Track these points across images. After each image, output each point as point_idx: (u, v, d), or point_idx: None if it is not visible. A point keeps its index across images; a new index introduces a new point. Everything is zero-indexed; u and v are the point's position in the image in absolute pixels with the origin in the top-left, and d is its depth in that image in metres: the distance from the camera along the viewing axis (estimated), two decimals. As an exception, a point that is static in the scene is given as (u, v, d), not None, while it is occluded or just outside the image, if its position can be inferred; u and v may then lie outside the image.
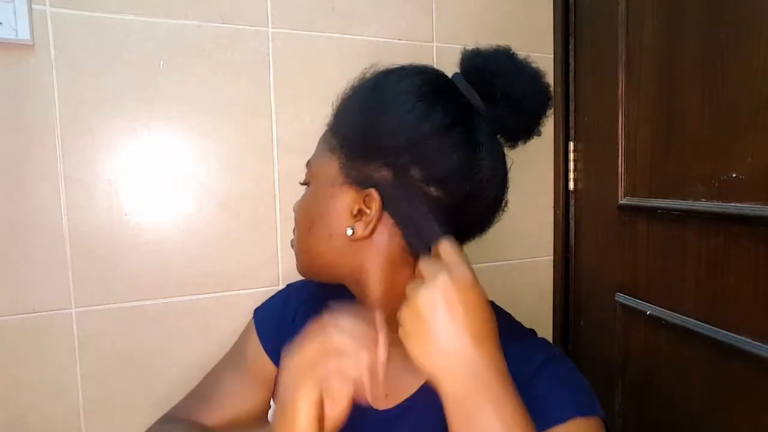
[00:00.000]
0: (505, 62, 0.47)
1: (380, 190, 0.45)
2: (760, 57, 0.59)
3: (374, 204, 0.45)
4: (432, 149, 0.44)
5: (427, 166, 0.44)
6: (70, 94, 0.70)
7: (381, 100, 0.46)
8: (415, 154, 0.44)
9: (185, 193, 0.76)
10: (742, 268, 0.63)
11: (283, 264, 0.82)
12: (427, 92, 0.45)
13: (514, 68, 0.47)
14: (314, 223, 0.49)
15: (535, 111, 0.48)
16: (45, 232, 0.70)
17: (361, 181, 0.46)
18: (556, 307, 1.02)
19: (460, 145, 0.44)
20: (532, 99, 0.47)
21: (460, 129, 0.45)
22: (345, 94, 0.51)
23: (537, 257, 1.01)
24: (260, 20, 0.78)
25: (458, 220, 0.46)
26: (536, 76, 0.48)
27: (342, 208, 0.47)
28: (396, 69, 0.49)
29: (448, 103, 0.45)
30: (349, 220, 0.46)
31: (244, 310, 0.79)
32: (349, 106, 0.50)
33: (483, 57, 0.48)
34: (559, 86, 0.96)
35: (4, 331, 0.69)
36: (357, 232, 0.46)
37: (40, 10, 0.67)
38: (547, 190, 1.00)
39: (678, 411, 0.74)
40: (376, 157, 0.45)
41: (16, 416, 0.70)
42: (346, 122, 0.49)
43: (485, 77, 0.46)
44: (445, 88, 0.47)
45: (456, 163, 0.44)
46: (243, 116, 0.78)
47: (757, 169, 0.60)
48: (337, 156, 0.48)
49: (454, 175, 0.44)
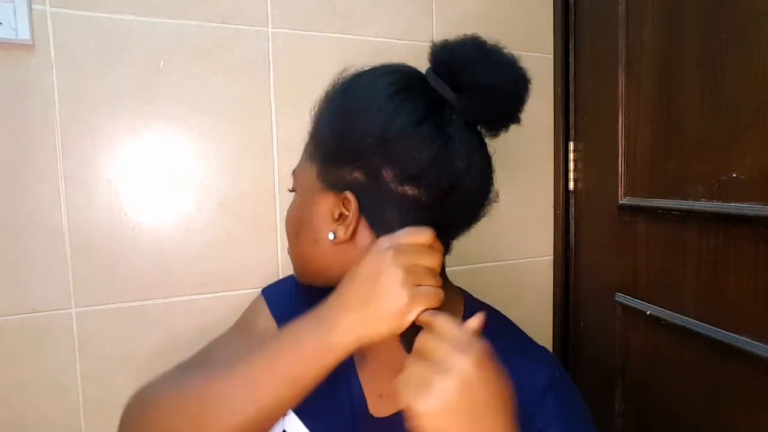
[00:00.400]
0: (473, 51, 0.46)
1: (356, 192, 0.45)
2: (760, 57, 0.59)
3: (351, 206, 0.45)
4: (402, 147, 0.44)
5: (398, 165, 0.44)
6: (70, 94, 0.70)
7: (351, 103, 0.47)
8: (386, 154, 0.44)
9: (185, 193, 0.76)
10: (742, 268, 0.63)
11: (283, 264, 0.82)
12: (395, 91, 0.45)
13: (483, 56, 0.46)
14: (301, 229, 0.50)
15: (507, 98, 0.47)
16: (45, 232, 0.70)
17: (337, 186, 0.46)
18: (556, 307, 1.02)
19: (429, 140, 0.44)
20: (503, 86, 0.46)
21: (429, 124, 0.44)
22: (320, 101, 0.51)
23: (537, 257, 1.01)
24: (260, 20, 0.78)
25: (442, 216, 0.45)
26: (507, 62, 0.47)
27: (323, 213, 0.47)
28: (366, 71, 0.49)
29: (417, 99, 0.45)
30: (331, 225, 0.47)
31: (243, 310, 0.79)
32: (322, 113, 0.50)
33: (450, 49, 0.47)
34: (559, 86, 0.96)
35: (4, 331, 0.69)
36: (338, 236, 0.46)
37: (40, 10, 0.67)
38: (547, 190, 1.00)
39: (678, 411, 0.74)
40: (349, 161, 0.45)
41: (16, 416, 0.70)
42: (320, 129, 0.50)
43: (453, 69, 0.46)
44: (414, 85, 0.46)
45: (427, 159, 0.44)
46: (243, 116, 0.78)
47: (757, 169, 0.60)
48: (315, 163, 0.48)
49: (427, 172, 0.44)
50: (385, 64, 0.50)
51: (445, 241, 0.49)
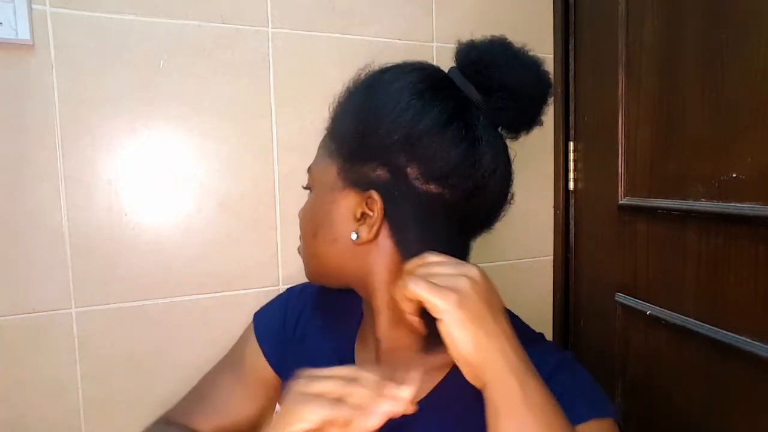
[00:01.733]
0: (500, 53, 0.46)
1: (380, 191, 0.44)
2: (760, 57, 0.59)
3: (376, 206, 0.44)
4: (429, 146, 0.43)
5: (425, 164, 0.44)
6: (70, 94, 0.70)
7: (375, 100, 0.46)
8: (412, 152, 0.43)
9: (185, 193, 0.76)
10: (742, 268, 0.63)
11: (283, 264, 0.82)
12: (422, 89, 0.45)
13: (511, 59, 0.46)
14: (319, 228, 0.48)
15: (534, 100, 0.47)
16: (45, 232, 0.70)
17: (360, 184, 0.45)
18: (556, 307, 1.02)
19: (458, 140, 0.44)
20: (530, 89, 0.46)
21: (458, 124, 0.44)
22: (341, 97, 0.50)
23: (537, 257, 1.01)
24: (260, 20, 0.78)
25: (464, 216, 0.45)
26: (533, 65, 0.47)
27: (345, 212, 0.46)
28: (391, 68, 0.49)
29: (445, 98, 0.45)
30: (352, 225, 0.46)
31: (244, 310, 0.79)
32: (344, 109, 0.49)
33: (478, 49, 0.47)
34: (559, 86, 0.96)
35: (4, 331, 0.69)
36: (362, 236, 0.45)
37: (40, 10, 0.67)
38: (547, 190, 1.00)
39: (678, 411, 0.74)
40: (373, 158, 0.45)
41: (16, 416, 0.70)
42: (341, 125, 0.49)
43: (481, 70, 0.45)
44: (441, 84, 0.46)
45: (455, 159, 0.43)
46: (243, 116, 0.78)
47: (757, 169, 0.60)
48: (335, 160, 0.47)
49: (454, 172, 0.44)
50: (409, 62, 0.49)
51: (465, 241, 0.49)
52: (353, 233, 0.45)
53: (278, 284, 0.82)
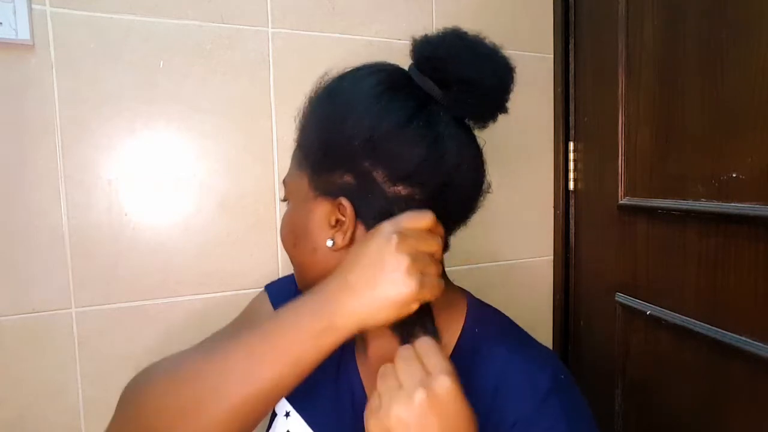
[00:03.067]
0: (455, 46, 0.45)
1: (349, 197, 0.44)
2: (760, 57, 0.59)
3: (347, 211, 0.44)
4: (391, 148, 0.43)
5: (389, 166, 0.43)
6: (70, 94, 0.70)
7: (335, 107, 0.46)
8: (375, 156, 0.43)
9: (185, 193, 0.76)
10: (742, 268, 0.63)
11: (283, 264, 0.82)
12: (380, 91, 0.45)
13: (465, 49, 0.45)
14: (298, 239, 0.49)
15: (493, 89, 0.46)
16: (45, 232, 0.70)
17: (330, 192, 0.46)
18: (556, 307, 1.02)
19: (419, 138, 0.43)
20: (488, 78, 0.45)
21: (418, 123, 0.44)
22: (304, 107, 0.50)
23: (537, 257, 1.01)
24: (260, 20, 0.78)
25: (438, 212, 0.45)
26: (490, 54, 0.46)
27: (320, 221, 0.46)
28: (349, 73, 0.49)
29: (403, 98, 0.45)
30: (328, 232, 0.46)
31: (244, 310, 0.79)
32: (307, 119, 0.49)
33: (432, 44, 0.46)
34: (559, 86, 0.96)
35: (4, 331, 0.69)
36: (337, 243, 0.45)
37: (40, 10, 0.67)
38: (547, 190, 1.00)
39: (678, 411, 0.74)
40: (339, 166, 0.45)
41: (16, 416, 0.70)
42: (306, 136, 0.49)
43: (437, 65, 0.45)
44: (399, 84, 0.46)
45: (418, 158, 0.43)
46: (243, 116, 0.78)
47: (757, 169, 0.60)
48: (305, 171, 0.48)
49: (418, 170, 0.43)
50: (368, 64, 0.49)
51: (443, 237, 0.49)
52: (329, 240, 0.46)
53: (278, 284, 0.82)
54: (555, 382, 0.46)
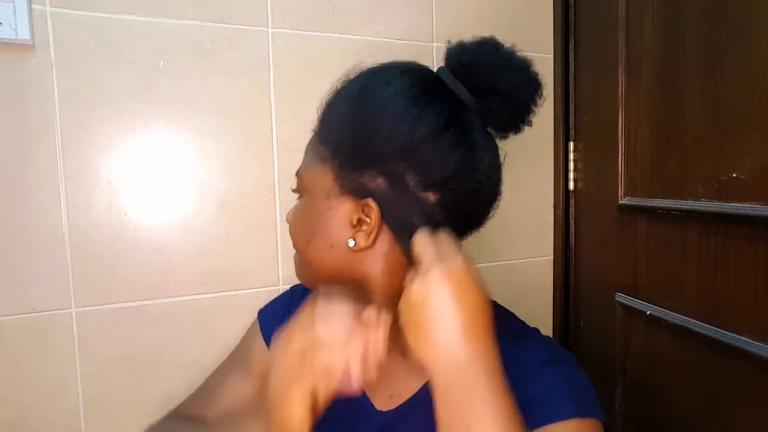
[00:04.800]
0: (492, 55, 0.46)
1: (378, 199, 0.44)
2: (760, 57, 0.59)
3: (373, 213, 0.44)
4: (428, 154, 0.43)
5: (423, 171, 0.43)
6: (70, 94, 0.70)
7: (370, 105, 0.45)
8: (411, 160, 0.43)
9: (185, 193, 0.76)
10: (742, 268, 0.63)
11: (283, 264, 0.82)
12: (417, 93, 0.44)
13: (502, 61, 0.45)
14: (314, 235, 0.48)
15: (525, 103, 0.46)
16: (45, 232, 0.70)
17: (357, 191, 0.45)
18: (556, 307, 1.02)
19: (455, 146, 0.43)
20: (522, 91, 0.46)
21: (454, 129, 0.44)
22: (330, 99, 0.49)
23: (537, 257, 1.01)
24: (260, 20, 0.78)
25: (458, 218, 0.45)
26: (524, 67, 0.46)
27: (341, 219, 0.45)
28: (382, 69, 0.48)
29: (439, 103, 0.44)
30: (349, 231, 0.45)
31: (244, 310, 0.79)
32: (336, 112, 0.48)
33: (469, 51, 0.46)
34: (559, 86, 0.96)
35: (4, 331, 0.69)
36: (359, 243, 0.44)
37: (40, 10, 0.67)
38: (547, 190, 1.00)
39: (678, 411, 0.74)
40: (371, 166, 0.44)
41: (16, 416, 0.70)
42: (335, 130, 0.48)
43: (473, 72, 0.45)
44: (434, 87, 0.45)
45: (453, 165, 0.43)
46: (243, 116, 0.78)
47: (757, 169, 0.60)
48: (330, 166, 0.46)
49: (451, 178, 0.43)
50: (398, 63, 0.48)
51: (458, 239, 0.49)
52: (350, 240, 0.45)
53: (278, 284, 0.82)
54: (554, 356, 0.47)
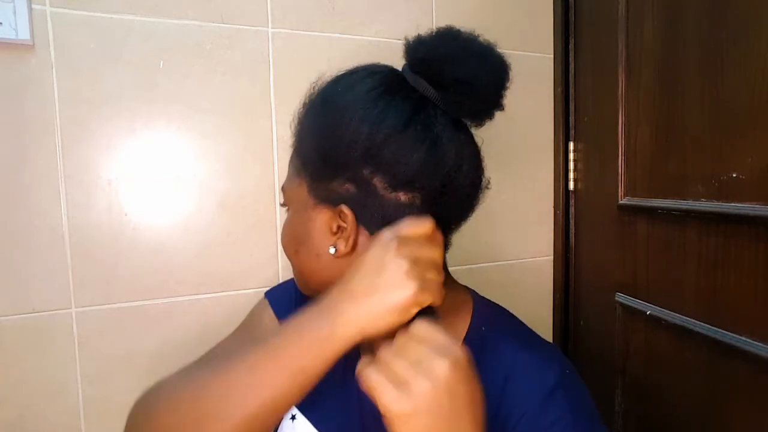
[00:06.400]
0: (449, 46, 0.45)
1: (350, 204, 0.44)
2: (760, 57, 0.59)
3: (348, 219, 0.44)
4: (391, 153, 0.43)
5: (389, 172, 0.43)
6: (70, 94, 0.70)
7: (332, 113, 0.45)
8: (375, 162, 0.43)
9: (185, 193, 0.76)
10: (742, 268, 0.63)
11: (283, 264, 0.82)
12: (377, 95, 0.44)
13: (460, 50, 0.45)
14: (300, 246, 0.49)
15: (489, 89, 0.46)
16: (45, 232, 0.70)
17: (330, 200, 0.45)
18: (556, 307, 1.02)
19: (418, 142, 0.43)
20: (484, 78, 0.45)
21: (416, 126, 0.43)
22: (299, 113, 0.50)
23: (537, 257, 1.01)
24: (260, 20, 0.78)
25: (438, 215, 0.45)
26: (485, 53, 0.46)
27: (321, 228, 0.46)
28: (343, 77, 0.48)
29: (400, 101, 0.44)
30: (330, 239, 0.46)
31: (244, 310, 0.79)
32: (303, 126, 0.49)
33: (426, 45, 0.46)
34: (559, 86, 0.96)
35: (4, 331, 0.69)
36: (339, 249, 0.45)
37: (40, 10, 0.67)
38: (547, 190, 1.00)
39: (678, 411, 0.74)
40: (339, 173, 0.44)
41: (16, 416, 0.70)
42: (303, 143, 0.49)
43: (431, 65, 0.44)
44: (395, 87, 0.45)
45: (417, 162, 0.43)
46: (243, 116, 0.78)
47: (757, 169, 0.60)
48: (304, 178, 0.47)
49: (419, 175, 0.43)
50: (361, 67, 0.48)
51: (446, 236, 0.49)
52: (331, 247, 0.46)
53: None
54: (561, 377, 0.47)
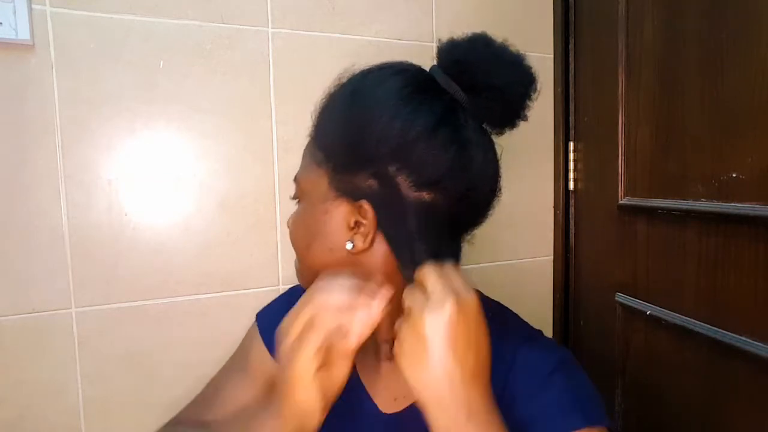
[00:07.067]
0: (483, 51, 0.45)
1: (372, 200, 0.44)
2: (760, 57, 0.59)
3: (368, 215, 0.44)
4: (420, 154, 0.43)
5: (416, 172, 0.43)
6: (70, 94, 0.70)
7: (361, 107, 0.45)
8: (403, 161, 0.43)
9: (185, 193, 0.76)
10: (742, 268, 0.63)
11: (283, 264, 0.82)
12: (408, 93, 0.44)
13: (493, 57, 0.45)
14: (313, 239, 0.48)
15: (519, 98, 0.46)
16: (45, 232, 0.70)
17: (352, 194, 0.45)
18: (556, 307, 1.02)
19: (448, 145, 0.43)
20: (515, 87, 0.45)
21: (446, 128, 0.43)
22: (323, 103, 0.49)
23: (537, 257, 1.01)
24: (260, 20, 0.78)
25: (456, 217, 0.45)
26: (517, 62, 0.46)
27: (338, 222, 0.46)
28: (373, 71, 0.48)
29: (431, 102, 0.44)
30: (347, 234, 0.45)
31: (244, 310, 0.79)
32: (329, 116, 0.48)
33: (460, 48, 0.46)
34: (559, 86, 0.96)
35: (4, 331, 0.69)
36: (356, 245, 0.45)
37: (40, 10, 0.67)
38: (547, 190, 1.00)
39: (678, 411, 0.74)
40: (364, 168, 0.44)
41: (16, 416, 0.70)
42: (328, 134, 0.48)
43: (465, 69, 0.45)
44: (425, 87, 0.45)
45: (447, 165, 0.43)
46: (243, 116, 0.78)
47: (757, 169, 0.60)
48: (325, 170, 0.46)
49: (445, 177, 0.43)
50: (390, 63, 0.48)
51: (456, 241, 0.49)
52: (348, 242, 0.45)
53: (278, 284, 0.82)
54: (561, 362, 0.47)
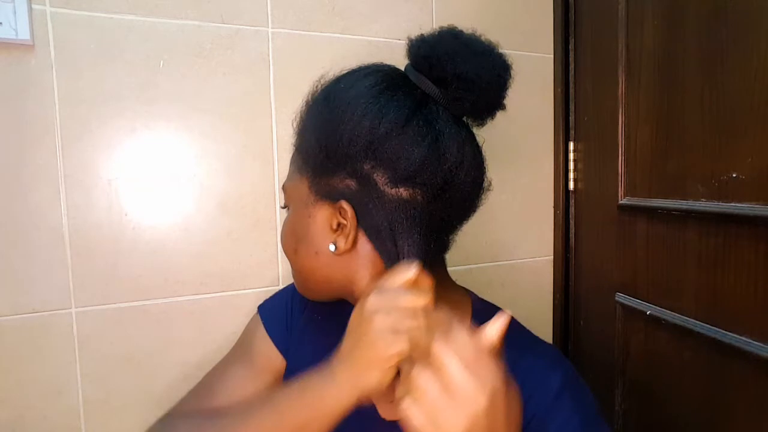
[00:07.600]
0: (451, 43, 0.45)
1: (351, 200, 0.44)
2: (760, 57, 0.59)
3: (348, 215, 0.44)
4: (392, 149, 0.43)
5: (390, 168, 0.43)
6: (70, 94, 0.70)
7: (333, 110, 0.46)
8: (376, 158, 0.43)
9: (185, 193, 0.76)
10: (742, 268, 0.63)
11: (283, 264, 0.82)
12: (377, 92, 0.44)
13: (462, 47, 0.45)
14: (299, 244, 0.49)
15: (490, 86, 0.46)
16: (45, 232, 0.70)
17: (331, 196, 0.45)
18: (556, 307, 1.02)
19: (419, 138, 0.43)
20: (485, 75, 0.45)
21: (417, 122, 0.44)
22: (301, 111, 0.50)
23: (537, 257, 1.01)
24: (260, 20, 0.78)
25: (439, 213, 0.45)
26: (486, 51, 0.46)
27: (321, 225, 0.47)
28: (345, 75, 0.49)
29: (402, 98, 0.44)
30: (330, 236, 0.46)
31: (244, 310, 0.79)
32: (305, 123, 0.49)
33: (428, 43, 0.46)
34: (559, 86, 0.96)
35: (4, 331, 0.69)
36: (339, 247, 0.45)
37: (40, 10, 0.67)
38: (547, 190, 1.00)
39: (678, 411, 0.74)
40: (339, 169, 0.45)
41: (16, 416, 0.70)
42: (305, 140, 0.49)
43: (434, 63, 0.45)
44: (396, 83, 0.46)
45: (420, 158, 0.43)
46: (243, 116, 0.78)
47: (757, 169, 0.60)
48: (305, 175, 0.48)
49: (420, 171, 0.43)
50: (364, 66, 0.49)
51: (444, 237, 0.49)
52: (331, 245, 0.46)
53: (278, 284, 0.82)
54: (566, 379, 0.47)
